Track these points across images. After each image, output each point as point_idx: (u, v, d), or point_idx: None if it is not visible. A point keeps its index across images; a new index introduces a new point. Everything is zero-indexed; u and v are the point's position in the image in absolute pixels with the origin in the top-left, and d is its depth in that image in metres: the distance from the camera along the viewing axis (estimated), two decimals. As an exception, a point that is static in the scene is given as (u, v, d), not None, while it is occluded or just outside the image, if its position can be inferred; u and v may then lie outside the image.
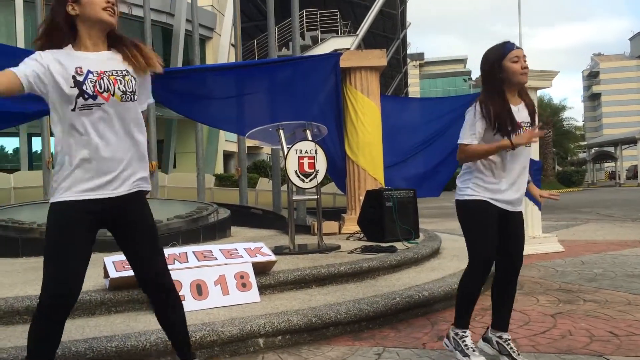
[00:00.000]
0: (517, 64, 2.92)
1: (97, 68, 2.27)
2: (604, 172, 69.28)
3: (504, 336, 3.16)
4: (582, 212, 15.50)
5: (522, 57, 2.93)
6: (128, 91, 2.30)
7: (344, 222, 7.21)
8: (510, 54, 2.92)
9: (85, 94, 2.22)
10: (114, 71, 2.30)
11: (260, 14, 28.69)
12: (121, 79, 2.29)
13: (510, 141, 2.87)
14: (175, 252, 4.23)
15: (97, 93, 2.23)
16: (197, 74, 6.62)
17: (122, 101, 2.29)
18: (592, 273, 5.78)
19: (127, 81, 2.31)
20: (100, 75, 2.25)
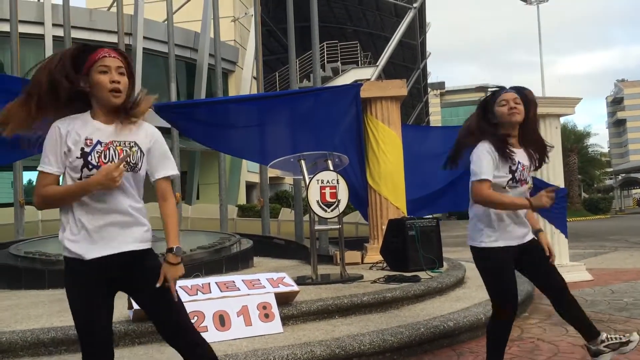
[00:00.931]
0: (504, 107, 3.09)
1: (106, 139, 2.32)
2: (631, 199, 67.89)
3: (603, 336, 3.21)
4: (610, 239, 15.17)
5: (510, 100, 3.08)
6: (131, 162, 2.33)
7: (366, 251, 7.16)
8: (499, 98, 3.12)
9: (90, 164, 2.28)
10: (123, 142, 2.35)
11: (282, 47, 29.21)
12: (127, 149, 2.34)
13: (530, 202, 2.99)
14: (198, 283, 4.24)
15: (101, 164, 2.29)
16: (220, 106, 6.73)
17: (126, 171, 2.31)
18: (623, 302, 5.63)
19: (133, 152, 2.35)
20: (107, 146, 2.32)
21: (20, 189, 9.31)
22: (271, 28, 27.67)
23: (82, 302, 2.29)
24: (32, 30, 17.81)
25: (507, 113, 3.07)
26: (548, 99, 7.47)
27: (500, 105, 3.11)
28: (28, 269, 6.28)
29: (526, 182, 3.11)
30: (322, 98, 6.94)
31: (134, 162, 2.35)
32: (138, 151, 2.37)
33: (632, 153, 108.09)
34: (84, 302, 2.29)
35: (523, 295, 5.34)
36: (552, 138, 7.33)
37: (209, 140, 6.79)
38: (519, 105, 3.08)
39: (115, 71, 2.31)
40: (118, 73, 2.31)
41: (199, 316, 3.87)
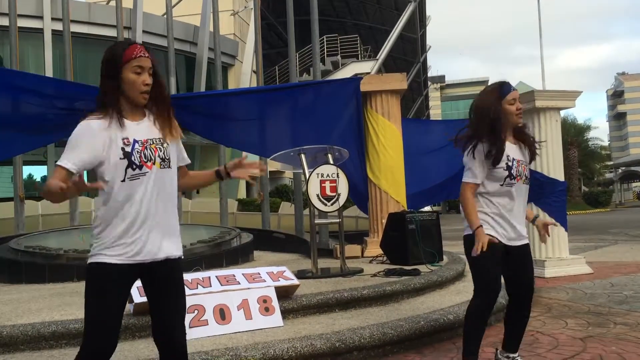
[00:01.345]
0: (513, 106, 3.05)
1: (141, 137, 2.32)
2: (631, 192, 67.88)
3: (512, 355, 3.24)
4: (610, 233, 15.19)
5: (517, 99, 3.06)
6: (166, 158, 2.36)
7: (366, 245, 7.17)
8: (508, 95, 3.04)
9: (134, 164, 2.27)
10: (155, 139, 2.35)
11: (281, 41, 29.13)
12: (160, 146, 2.35)
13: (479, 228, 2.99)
14: (198, 276, 4.25)
15: (143, 163, 2.29)
16: (219, 98, 6.72)
17: (161, 168, 2.34)
18: (623, 295, 5.64)
19: (165, 149, 2.37)
20: (144, 145, 2.31)
21: (20, 184, 9.31)
22: (271, 22, 27.58)
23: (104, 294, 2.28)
24: (31, 24, 17.75)
25: (516, 114, 3.06)
26: (548, 92, 7.45)
27: (509, 104, 3.05)
28: (28, 263, 6.28)
29: (521, 177, 3.12)
30: (322, 92, 6.94)
31: (167, 157, 2.37)
32: (168, 147, 2.39)
33: (632, 146, 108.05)
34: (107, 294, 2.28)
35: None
36: (553, 131, 7.33)
37: (209, 132, 6.78)
38: (521, 106, 3.10)
39: (147, 73, 2.30)
40: (148, 74, 2.31)
41: (200, 310, 3.88)
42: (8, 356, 3.52)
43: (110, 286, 2.27)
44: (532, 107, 7.21)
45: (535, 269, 6.93)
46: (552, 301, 5.49)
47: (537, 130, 7.28)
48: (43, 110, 5.37)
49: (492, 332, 4.34)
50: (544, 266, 7.13)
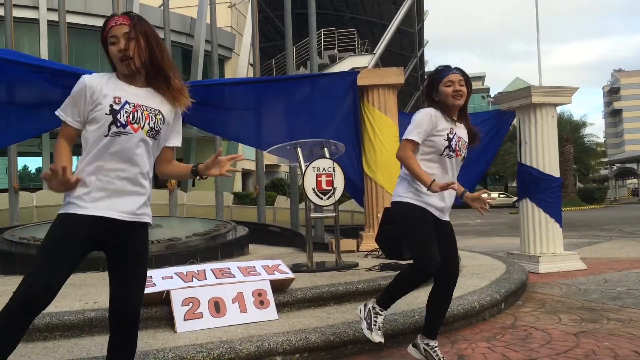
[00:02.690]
0: (449, 88, 3.16)
1: (134, 101, 2.37)
2: (626, 189, 68.16)
3: (431, 343, 3.30)
4: (604, 229, 15.25)
5: (456, 82, 3.16)
6: (154, 129, 2.39)
7: (362, 239, 7.18)
8: (445, 78, 3.18)
9: (119, 122, 2.31)
10: (148, 107, 2.39)
11: (278, 34, 29.05)
12: (153, 116, 2.39)
13: (429, 184, 3.05)
14: (193, 269, 4.25)
15: (129, 123, 2.33)
16: (215, 88, 6.68)
17: (147, 136, 2.37)
18: (616, 291, 5.67)
19: (158, 120, 2.41)
20: (136, 108, 2.36)
21: (14, 175, 9.27)
22: (268, 14, 27.49)
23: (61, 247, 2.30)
24: (26, 15, 17.66)
25: (452, 95, 3.16)
26: (545, 88, 7.46)
27: (445, 86, 3.17)
28: (23, 255, 6.26)
29: (460, 153, 3.25)
30: (319, 85, 6.92)
31: (157, 128, 2.40)
32: (162, 119, 2.42)
33: (627, 143, 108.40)
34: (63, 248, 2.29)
35: (516, 283, 5.38)
36: (549, 127, 7.34)
37: (205, 124, 6.75)
38: (463, 88, 3.18)
39: (122, 39, 2.31)
40: (126, 39, 2.31)
41: (194, 302, 3.88)
42: (2, 347, 3.51)
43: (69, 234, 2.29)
44: (528, 103, 7.21)
45: (529, 265, 7.02)
46: (545, 297, 5.52)
47: (534, 126, 7.30)
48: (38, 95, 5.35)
49: (487, 327, 4.36)
50: (538, 262, 7.15)
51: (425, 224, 3.16)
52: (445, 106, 3.21)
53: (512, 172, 39.59)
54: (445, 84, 3.17)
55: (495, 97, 8.56)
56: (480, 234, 15.75)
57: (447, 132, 3.17)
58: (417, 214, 3.17)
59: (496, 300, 4.78)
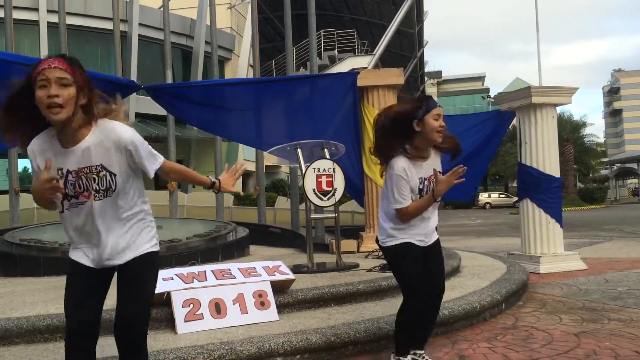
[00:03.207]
0: (437, 122, 2.98)
1: (74, 166, 2.21)
2: (626, 189, 68.12)
3: (418, 352, 3.32)
4: (604, 229, 15.25)
5: (441, 116, 3.01)
6: (101, 189, 2.24)
7: (362, 240, 7.18)
8: (434, 110, 2.98)
9: (69, 196, 2.26)
10: (89, 167, 2.22)
11: (278, 35, 29.05)
12: (95, 176, 2.22)
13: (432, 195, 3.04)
14: (194, 270, 4.25)
15: (78, 193, 2.25)
16: (215, 89, 6.69)
17: (95, 200, 2.25)
18: (617, 291, 5.67)
19: (101, 177, 2.23)
20: (79, 175, 2.22)
21: (15, 177, 9.28)
22: (268, 15, 27.50)
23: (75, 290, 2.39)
24: (26, 17, 17.66)
25: (437, 130, 2.99)
26: (545, 88, 7.45)
27: (434, 119, 2.99)
28: (23, 257, 6.26)
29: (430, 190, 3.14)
30: (319, 86, 6.92)
31: (103, 188, 2.24)
32: (106, 175, 2.23)
33: (627, 143, 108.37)
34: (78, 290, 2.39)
35: (516, 283, 5.38)
36: (549, 127, 7.34)
37: (205, 124, 6.76)
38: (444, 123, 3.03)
39: (54, 85, 2.07)
40: (58, 85, 2.08)
41: (195, 304, 3.88)
42: (2, 349, 3.51)
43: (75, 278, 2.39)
44: (528, 103, 7.21)
45: (530, 265, 7.02)
46: (546, 297, 5.52)
47: (534, 126, 7.29)
48: None
49: (488, 327, 4.36)
50: (539, 262, 7.15)
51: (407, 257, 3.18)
52: (423, 140, 3.02)
53: (512, 172, 39.59)
54: (434, 116, 2.98)
55: (496, 97, 8.56)
56: (481, 234, 15.75)
57: (418, 181, 3.10)
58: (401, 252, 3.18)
59: (497, 300, 4.78)
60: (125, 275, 2.40)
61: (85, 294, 2.38)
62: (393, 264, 3.29)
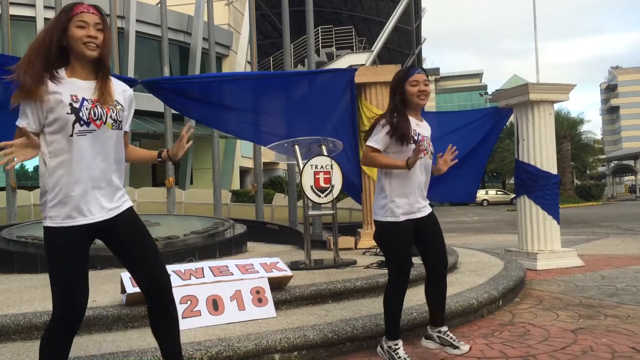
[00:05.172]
0: (415, 88, 3.27)
1: (90, 96, 2.37)
2: (623, 186, 68.28)
3: (442, 329, 3.45)
4: (602, 226, 15.28)
5: (421, 82, 3.28)
6: (118, 120, 2.42)
7: (360, 237, 7.18)
8: (411, 77, 3.28)
9: (82, 120, 2.31)
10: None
11: (276, 32, 29.00)
12: (113, 107, 2.41)
13: (405, 162, 3.18)
14: (191, 267, 4.24)
15: (91, 120, 2.33)
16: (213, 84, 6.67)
17: (112, 129, 2.40)
18: (614, 288, 5.68)
19: (118, 110, 2.43)
20: (95, 104, 2.36)
21: (12, 173, 9.26)
22: (265, 12, 27.45)
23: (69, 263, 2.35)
24: (23, 13, 17.59)
25: (417, 94, 3.27)
26: (542, 85, 7.45)
27: (411, 85, 3.27)
28: (20, 253, 6.25)
29: (427, 151, 3.35)
30: (316, 82, 6.90)
31: (120, 119, 2.43)
32: (122, 109, 2.46)
33: (625, 140, 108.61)
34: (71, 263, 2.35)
35: (514, 280, 5.39)
36: (546, 124, 7.34)
37: (203, 118, 6.75)
38: (427, 88, 3.31)
39: (93, 28, 2.35)
40: (96, 29, 2.36)
41: (193, 300, 3.88)
42: (0, 346, 3.51)
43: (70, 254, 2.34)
44: (526, 100, 7.22)
45: (527, 262, 7.03)
46: (543, 293, 5.53)
47: (531, 123, 7.30)
48: None
49: (485, 324, 4.37)
50: (536, 259, 7.16)
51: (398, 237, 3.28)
52: (409, 105, 3.32)
53: (509, 169, 39.64)
54: (411, 83, 3.27)
55: (493, 94, 8.56)
56: (478, 231, 15.77)
57: (412, 134, 3.27)
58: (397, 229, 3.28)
59: (494, 297, 4.79)
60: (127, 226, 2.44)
61: (83, 270, 2.36)
62: (381, 239, 3.38)
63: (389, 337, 3.35)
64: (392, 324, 3.35)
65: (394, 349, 3.31)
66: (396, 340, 3.34)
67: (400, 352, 3.29)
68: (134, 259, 2.46)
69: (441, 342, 3.44)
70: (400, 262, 3.31)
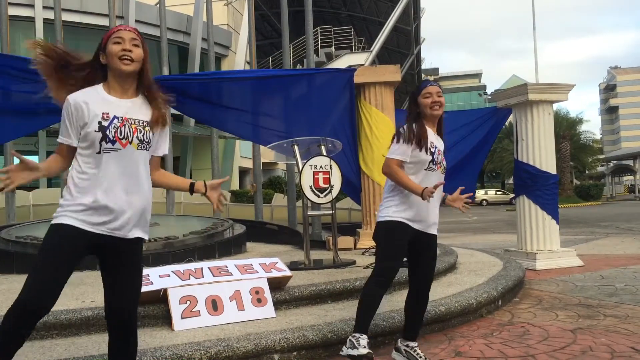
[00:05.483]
0: (428, 99, 3.35)
1: (122, 114, 2.40)
2: (623, 186, 68.32)
3: (411, 344, 3.45)
4: (601, 226, 15.29)
5: (434, 94, 3.36)
6: (145, 141, 2.44)
7: (359, 237, 7.18)
8: (424, 90, 3.38)
9: (107, 138, 2.36)
10: (137, 120, 2.43)
11: (275, 32, 29.00)
12: (141, 128, 2.44)
13: (421, 193, 3.19)
14: (190, 267, 4.24)
15: (117, 139, 2.37)
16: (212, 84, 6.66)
17: (138, 149, 2.42)
18: (613, 288, 5.68)
19: (147, 132, 2.45)
20: (123, 122, 2.39)
21: (11, 174, 9.23)
22: (264, 12, 27.44)
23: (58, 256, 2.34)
24: (22, 13, 17.58)
25: (430, 106, 3.34)
26: (541, 85, 7.46)
27: (424, 97, 3.36)
28: (19, 254, 6.24)
29: (441, 165, 3.40)
30: (315, 82, 6.90)
31: (147, 140, 2.45)
32: (150, 131, 2.47)
33: (624, 140, 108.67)
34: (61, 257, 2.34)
35: (513, 280, 5.39)
36: (545, 124, 7.35)
37: (202, 118, 6.73)
38: (441, 99, 3.38)
39: (129, 42, 2.42)
40: (132, 45, 2.42)
41: (192, 301, 3.88)
42: (-1, 346, 3.50)
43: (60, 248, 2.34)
44: (525, 100, 7.22)
45: (526, 262, 7.04)
46: (542, 293, 5.53)
47: (530, 123, 7.30)
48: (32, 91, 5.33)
49: (484, 324, 4.37)
50: (535, 259, 7.17)
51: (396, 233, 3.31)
52: (425, 117, 3.38)
53: (508, 169, 39.66)
54: (424, 95, 3.36)
55: (492, 94, 8.56)
56: (477, 231, 15.77)
57: (429, 147, 3.32)
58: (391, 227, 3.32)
59: (493, 297, 4.79)
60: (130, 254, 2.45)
61: (67, 269, 2.35)
62: (379, 235, 3.39)
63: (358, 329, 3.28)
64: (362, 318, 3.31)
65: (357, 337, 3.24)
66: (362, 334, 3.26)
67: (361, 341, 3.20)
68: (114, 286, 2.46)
69: (407, 357, 3.42)
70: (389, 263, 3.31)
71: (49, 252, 2.34)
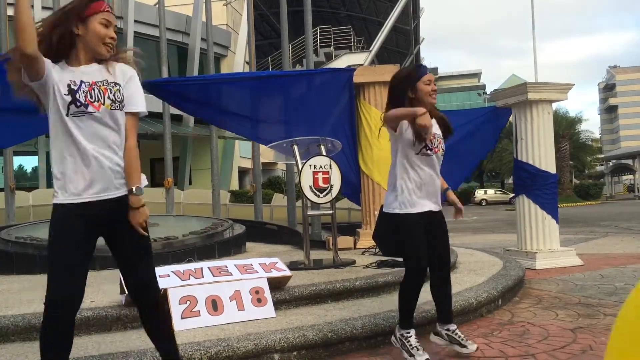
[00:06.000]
0: (428, 86, 3.33)
1: (89, 79, 2.40)
2: (622, 185, 68.35)
3: (451, 327, 3.48)
4: (600, 225, 15.29)
5: (432, 81, 3.35)
6: (117, 100, 2.42)
7: (359, 237, 7.18)
8: (424, 77, 3.34)
9: (78, 101, 2.35)
10: (105, 81, 2.42)
11: (274, 32, 29.00)
12: (110, 88, 2.42)
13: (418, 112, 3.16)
14: (190, 267, 4.24)
15: (89, 102, 2.36)
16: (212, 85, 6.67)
17: (111, 109, 2.40)
18: (612, 287, 5.69)
19: (116, 90, 2.43)
20: (92, 86, 2.39)
21: (10, 174, 9.25)
22: (264, 12, 27.44)
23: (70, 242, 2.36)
24: (21, 13, 17.52)
25: (429, 93, 3.34)
26: (541, 84, 7.46)
27: (425, 84, 3.33)
28: (19, 254, 6.25)
29: (438, 149, 3.42)
30: (315, 82, 6.91)
31: (119, 99, 2.43)
32: (120, 89, 2.45)
33: (623, 139, 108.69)
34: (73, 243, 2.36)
35: (513, 279, 5.39)
36: (545, 124, 7.35)
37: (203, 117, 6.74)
38: (435, 87, 3.38)
39: (112, 28, 2.44)
40: (114, 31, 2.45)
41: (192, 301, 3.87)
42: (-1, 347, 3.50)
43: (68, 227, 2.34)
44: (524, 99, 7.22)
45: (526, 261, 7.04)
46: (542, 293, 5.53)
47: (529, 122, 7.30)
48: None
49: (484, 323, 4.37)
50: (535, 258, 7.17)
51: (412, 229, 3.33)
52: (420, 104, 3.32)
53: (508, 168, 39.67)
54: (425, 82, 3.32)
55: (492, 93, 8.56)
56: (477, 230, 15.78)
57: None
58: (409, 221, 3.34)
59: (493, 296, 4.79)
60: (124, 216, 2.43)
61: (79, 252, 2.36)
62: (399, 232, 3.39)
63: (402, 326, 3.39)
64: (405, 314, 3.38)
65: (406, 337, 3.35)
66: (409, 329, 3.37)
67: (412, 340, 3.33)
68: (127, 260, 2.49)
69: (449, 339, 3.47)
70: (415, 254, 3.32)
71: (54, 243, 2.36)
